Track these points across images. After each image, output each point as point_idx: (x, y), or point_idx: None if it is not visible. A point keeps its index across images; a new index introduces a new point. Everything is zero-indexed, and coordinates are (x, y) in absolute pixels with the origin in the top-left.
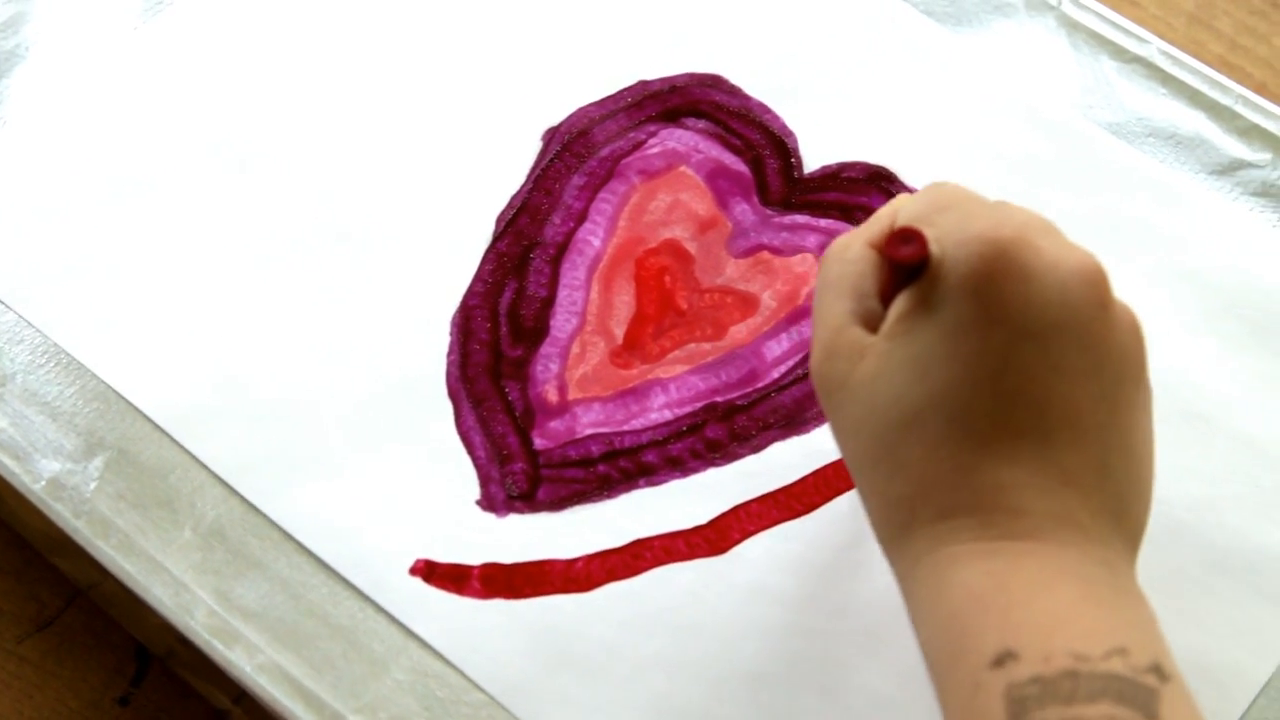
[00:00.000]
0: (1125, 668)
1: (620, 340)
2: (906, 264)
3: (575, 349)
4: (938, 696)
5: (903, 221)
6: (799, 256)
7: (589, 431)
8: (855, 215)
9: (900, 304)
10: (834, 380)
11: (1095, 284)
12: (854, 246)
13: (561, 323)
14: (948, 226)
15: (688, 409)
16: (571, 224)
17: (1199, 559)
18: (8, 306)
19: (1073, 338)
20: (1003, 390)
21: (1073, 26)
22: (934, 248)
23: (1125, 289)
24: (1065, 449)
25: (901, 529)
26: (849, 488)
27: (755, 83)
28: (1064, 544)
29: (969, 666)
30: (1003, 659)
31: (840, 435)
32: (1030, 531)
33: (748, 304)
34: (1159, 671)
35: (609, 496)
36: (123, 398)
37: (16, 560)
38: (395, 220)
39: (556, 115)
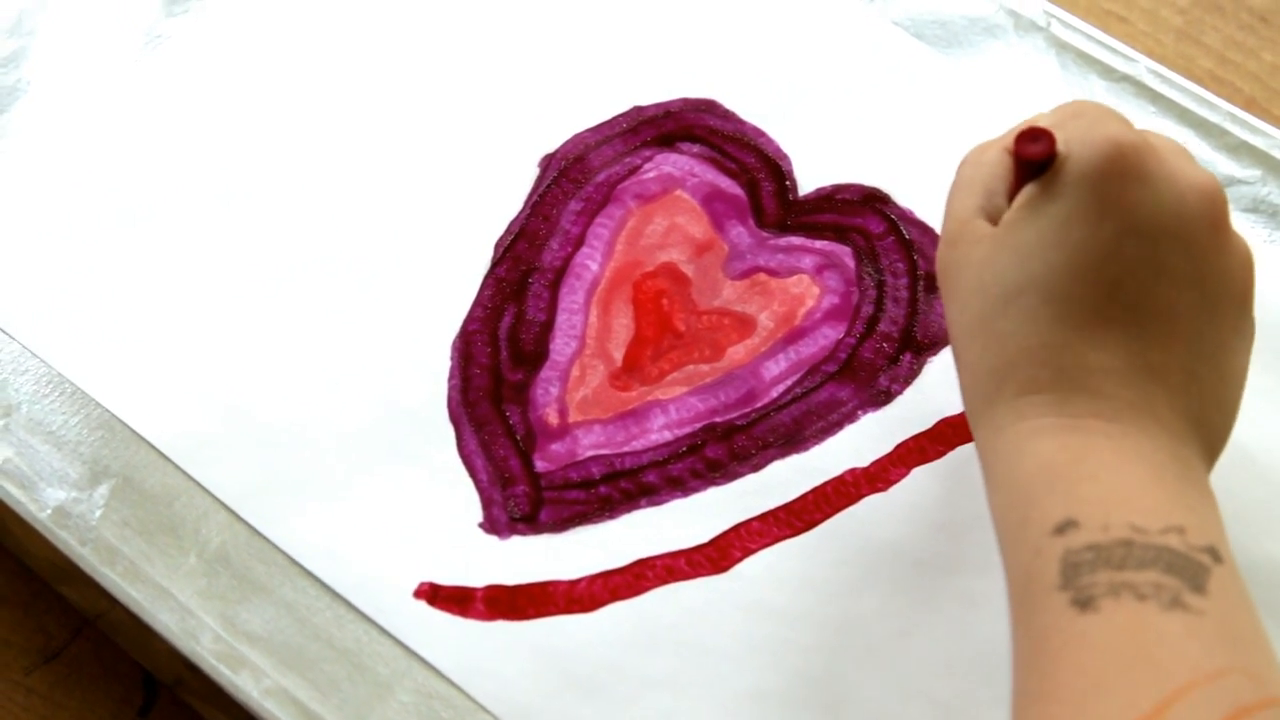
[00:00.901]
0: (1180, 543)
1: (619, 363)
2: (1033, 161)
3: (575, 372)
4: (1003, 560)
5: (1037, 123)
6: (795, 278)
7: (590, 453)
8: (850, 236)
9: (1022, 196)
10: (953, 265)
11: (1213, 203)
12: (990, 151)
13: (561, 346)
14: (1077, 130)
15: (687, 429)
16: (569, 249)
17: None
18: (12, 337)
19: (1180, 245)
20: (1102, 279)
21: (1061, 46)
22: (1061, 147)
23: None
24: (1154, 346)
25: (988, 401)
26: (848, 505)
27: (749, 107)
28: (1140, 431)
29: (1033, 532)
30: (1064, 527)
31: (950, 315)
32: (1109, 414)
33: (745, 325)
34: (1213, 553)
35: (611, 517)
36: (127, 426)
37: (24, 592)
38: (395, 247)
39: (553, 142)
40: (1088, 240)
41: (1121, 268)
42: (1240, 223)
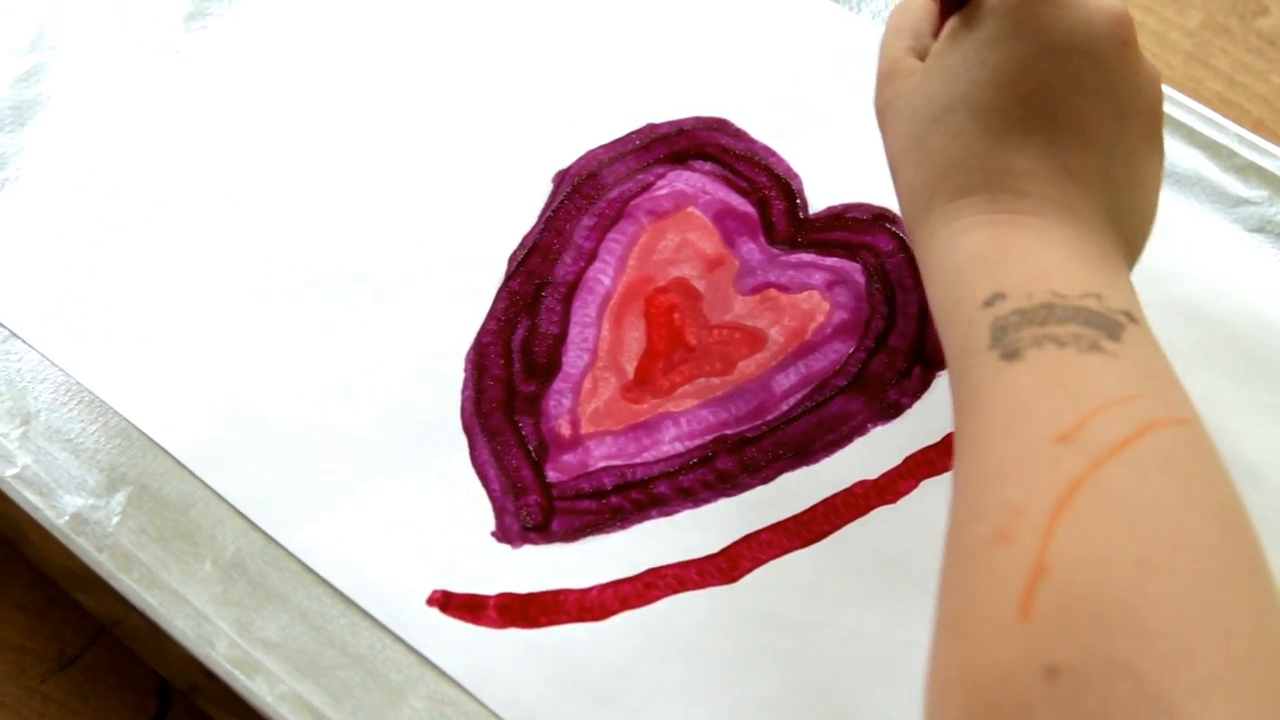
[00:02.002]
0: (1098, 305)
1: (631, 375)
2: None
3: (587, 384)
4: (942, 344)
5: None
6: (805, 294)
7: (601, 464)
8: (860, 254)
9: (947, 28)
10: (888, 101)
11: (1121, 24)
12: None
13: (573, 359)
14: None
15: (698, 441)
16: (582, 263)
17: None
18: (31, 346)
19: (1091, 61)
20: (1021, 92)
21: None
22: None
23: None
24: (1071, 149)
25: (924, 212)
26: (857, 516)
27: (760, 126)
28: (1062, 223)
29: (965, 309)
30: (992, 300)
31: (887, 146)
32: (1031, 210)
33: (756, 340)
34: (1129, 315)
35: (622, 527)
36: (144, 434)
37: (39, 599)
38: (411, 260)
39: (567, 158)
40: (1007, 59)
41: (1038, 81)
42: (1247, 242)
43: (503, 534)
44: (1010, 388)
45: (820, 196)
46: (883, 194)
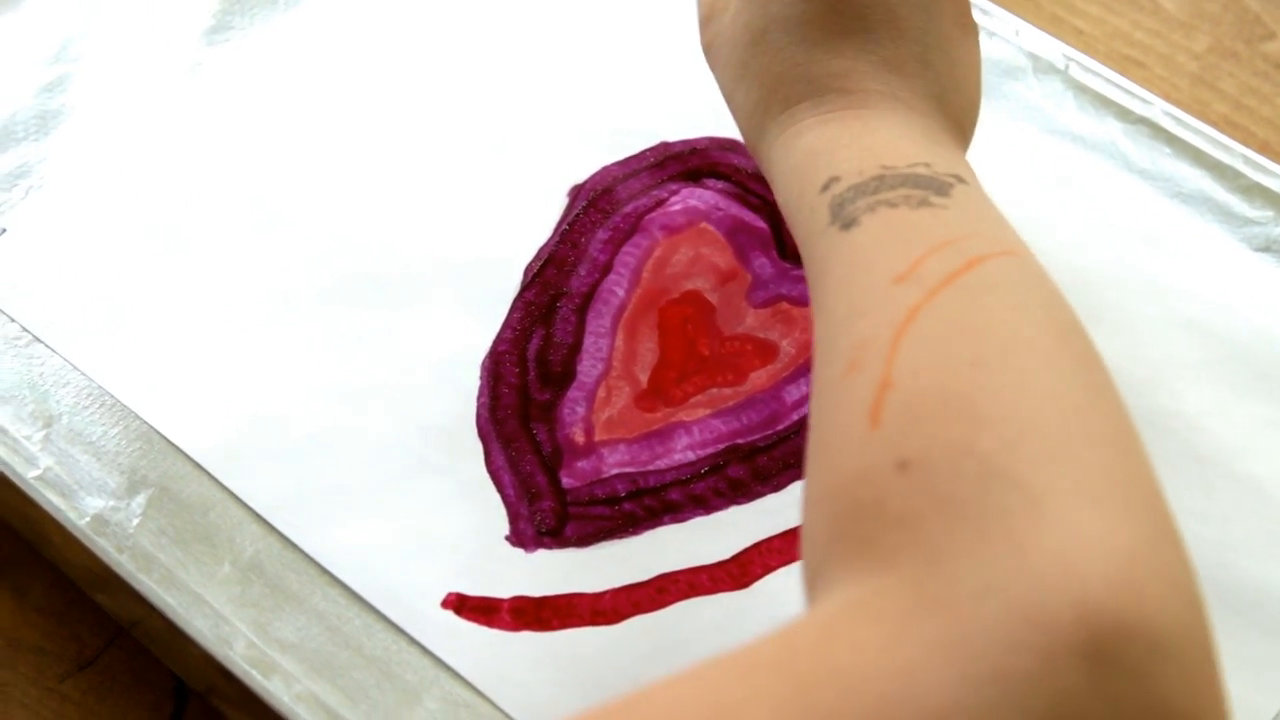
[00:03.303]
0: (927, 171)
1: (645, 385)
2: None
3: (601, 393)
4: (796, 240)
5: None
6: None
7: (615, 471)
8: None
9: None
10: (711, 39)
11: None
12: None
13: (588, 368)
14: None
15: (710, 450)
16: (596, 275)
17: (1210, 601)
18: (54, 351)
19: None
20: (829, 0)
21: (1079, 89)
22: None
23: (1134, 336)
24: (887, 44)
25: (760, 129)
26: None
27: None
28: (890, 111)
29: (807, 200)
30: (829, 184)
31: (718, 79)
32: (858, 104)
33: (767, 351)
34: (958, 177)
35: (634, 533)
36: (164, 438)
37: (59, 601)
38: (429, 271)
39: (582, 173)
40: None
41: None
42: (1253, 261)
43: (517, 538)
44: (850, 249)
45: None
46: None
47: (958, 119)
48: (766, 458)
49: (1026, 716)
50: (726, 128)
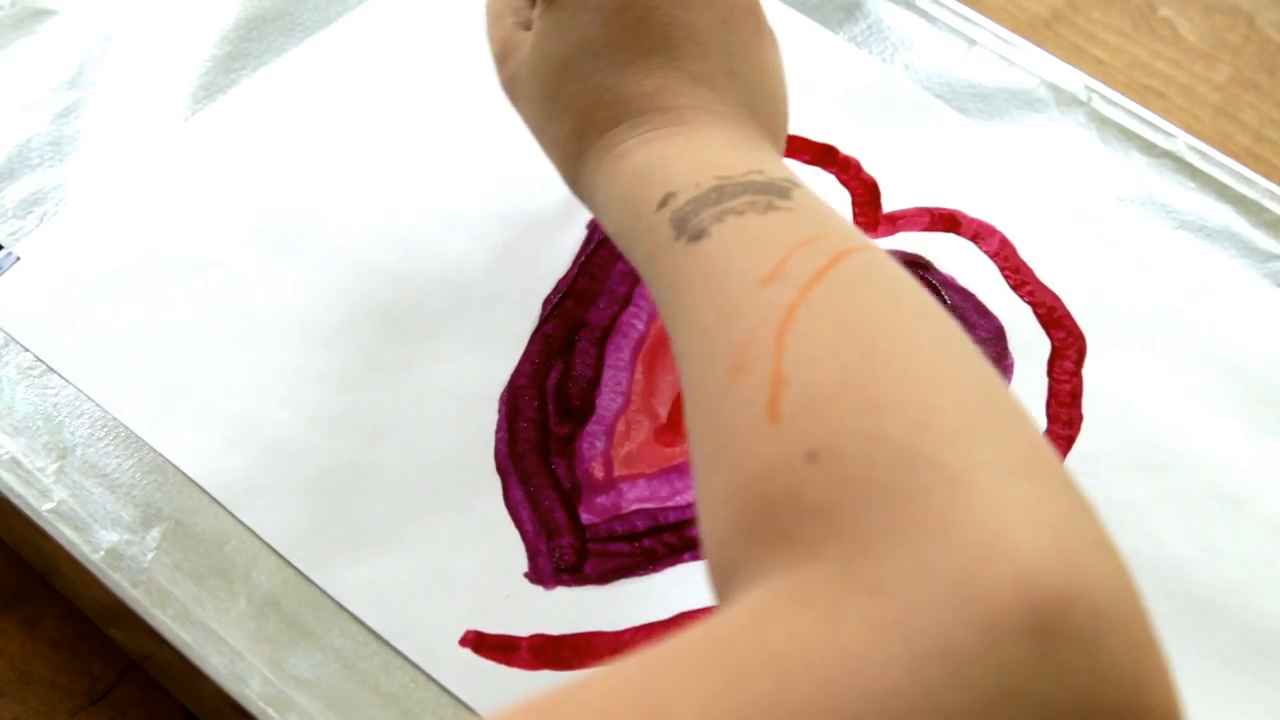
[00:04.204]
0: (762, 177)
1: (664, 419)
2: None
3: (620, 427)
4: (634, 264)
5: None
6: None
7: (634, 507)
8: None
9: None
10: (509, 77)
11: None
12: None
13: (607, 402)
14: None
15: None
16: (616, 308)
17: (1235, 641)
18: (68, 381)
19: None
20: (630, 21)
21: (1102, 122)
22: None
23: (1157, 372)
24: (692, 60)
25: (577, 159)
26: None
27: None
28: (707, 125)
29: (643, 220)
30: (665, 200)
31: (525, 117)
32: (676, 121)
33: None
34: (792, 181)
35: (654, 570)
36: (180, 471)
37: (70, 634)
38: (447, 303)
39: None
40: None
41: (642, 7)
42: (1276, 297)
43: (536, 575)
44: (705, 259)
45: None
46: (915, 241)
47: (770, 125)
48: None
49: (972, 693)
50: None
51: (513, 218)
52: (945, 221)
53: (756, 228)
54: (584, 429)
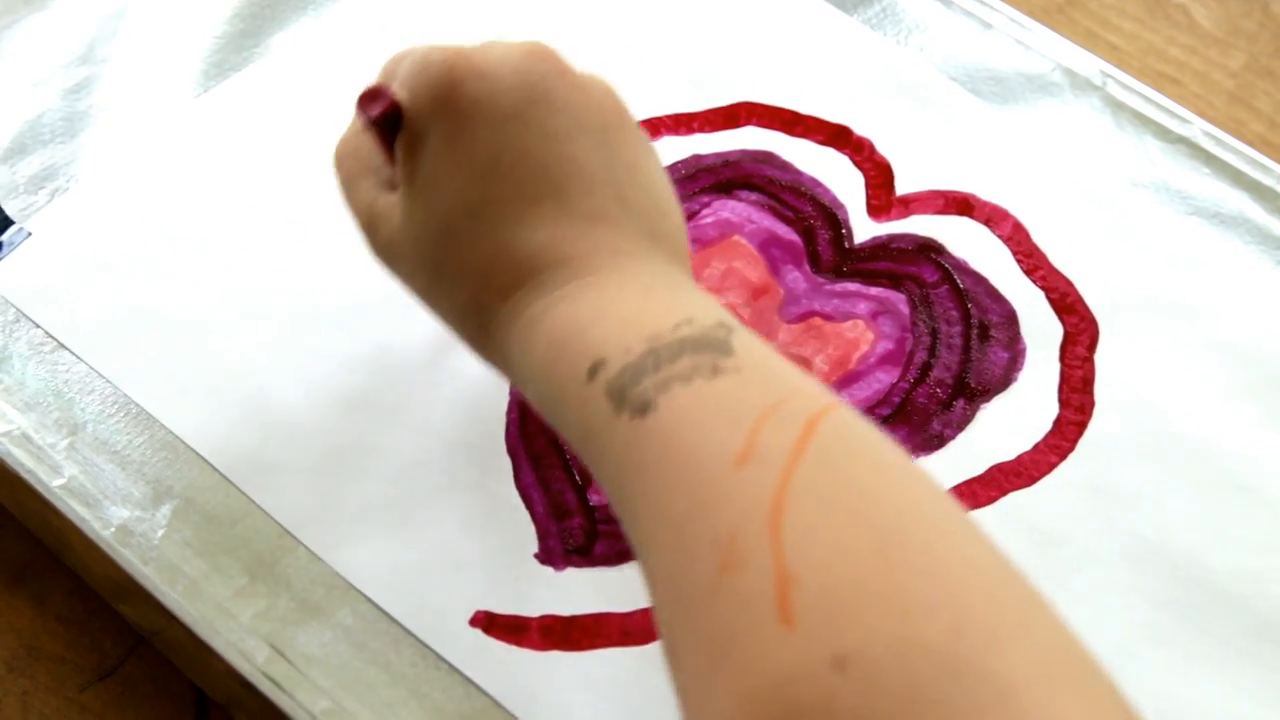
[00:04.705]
0: (694, 330)
1: None
2: (383, 118)
3: None
4: (565, 438)
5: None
6: (850, 323)
7: None
8: (905, 284)
9: (400, 152)
10: (383, 246)
11: (544, 58)
12: (351, 138)
13: None
14: (405, 70)
15: None
16: None
17: (1246, 628)
18: (79, 358)
19: (545, 107)
20: (505, 172)
21: (1117, 107)
22: (399, 92)
23: (1171, 360)
24: (580, 196)
25: (483, 329)
26: None
27: (805, 159)
28: (614, 269)
29: (571, 393)
30: (595, 370)
31: (407, 285)
32: (580, 271)
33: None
34: (724, 325)
35: None
36: (190, 448)
37: (80, 610)
38: None
39: None
40: (471, 148)
41: (514, 153)
42: None
43: (546, 556)
44: (661, 436)
45: (865, 226)
46: (927, 224)
47: (672, 246)
48: None
49: None
50: (759, 140)
51: None
52: (958, 205)
53: (711, 397)
54: None
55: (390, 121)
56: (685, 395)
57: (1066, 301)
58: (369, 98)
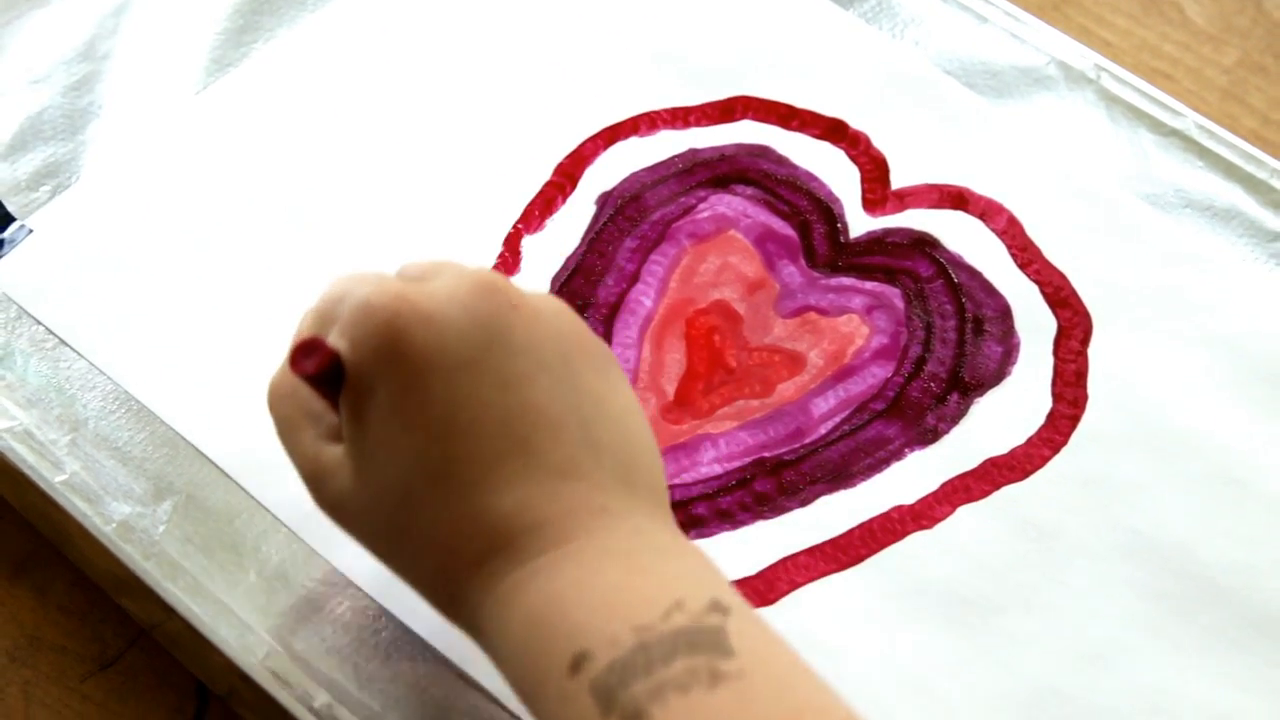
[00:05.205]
0: (686, 619)
1: (671, 396)
2: (320, 375)
3: None
4: None
5: (303, 333)
6: (845, 317)
7: None
8: (900, 279)
9: (344, 406)
10: (332, 503)
11: (494, 291)
12: (285, 380)
13: None
14: (346, 317)
15: (736, 463)
16: (624, 285)
17: (1238, 621)
18: (80, 355)
19: (500, 349)
20: (463, 429)
21: (1111, 100)
22: (338, 344)
23: (1163, 353)
24: (548, 448)
25: (453, 598)
26: (893, 541)
27: (801, 153)
28: (592, 532)
29: (553, 685)
30: (578, 662)
31: (365, 544)
32: (557, 538)
33: (795, 363)
34: (719, 607)
35: None
36: (191, 444)
37: (82, 601)
38: None
39: (610, 180)
40: (425, 407)
41: (471, 408)
42: None
43: None
44: None
45: (861, 220)
46: (922, 219)
47: (651, 489)
48: (793, 472)
49: None
50: (755, 134)
51: (522, 195)
52: (953, 198)
53: (712, 713)
54: None
55: (331, 374)
56: (683, 708)
57: (1060, 295)
58: (303, 351)
